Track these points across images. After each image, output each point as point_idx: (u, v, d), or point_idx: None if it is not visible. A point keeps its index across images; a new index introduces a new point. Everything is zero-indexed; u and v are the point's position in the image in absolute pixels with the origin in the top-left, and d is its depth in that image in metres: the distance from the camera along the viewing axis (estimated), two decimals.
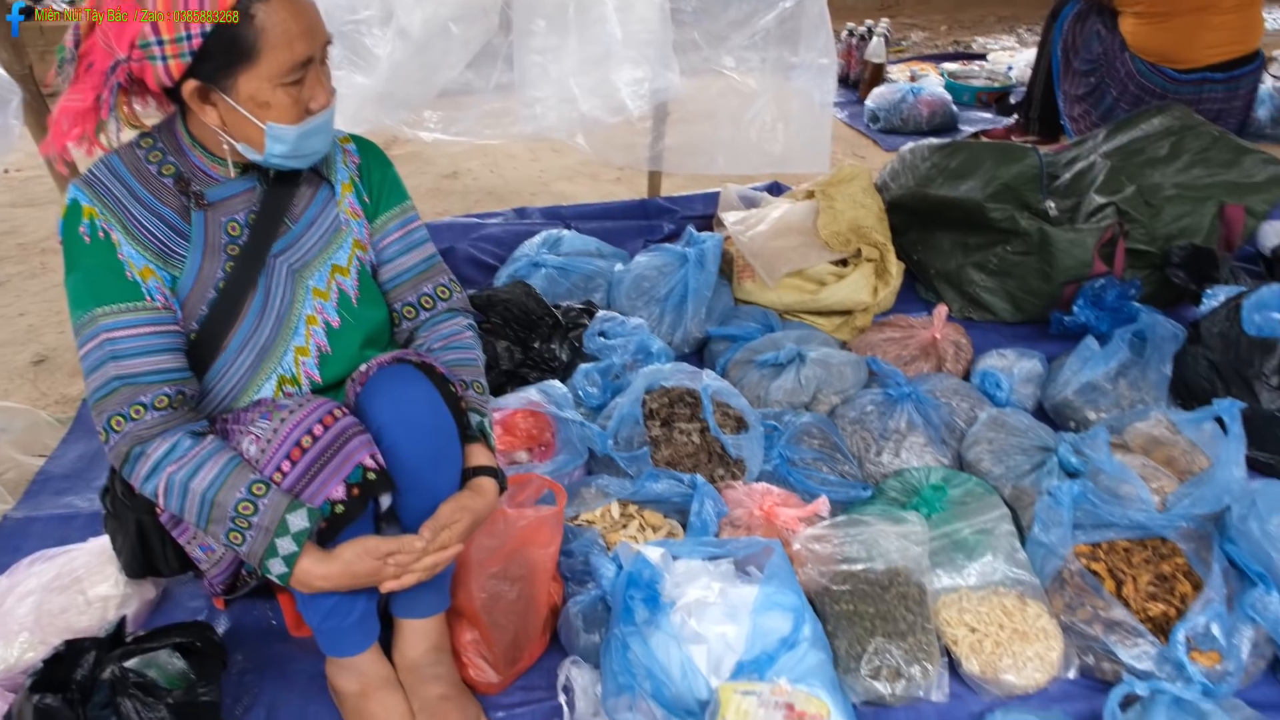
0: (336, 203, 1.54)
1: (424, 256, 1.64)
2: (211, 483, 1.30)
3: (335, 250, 1.53)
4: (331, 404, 1.38)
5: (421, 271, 1.63)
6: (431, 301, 1.64)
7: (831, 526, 1.78)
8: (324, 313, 1.51)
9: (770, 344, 2.46)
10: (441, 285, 1.66)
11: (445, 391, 1.44)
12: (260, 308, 1.45)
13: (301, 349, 1.50)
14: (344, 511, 1.33)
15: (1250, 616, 1.60)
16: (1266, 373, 2.12)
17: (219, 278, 1.42)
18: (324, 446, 1.33)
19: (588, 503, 1.91)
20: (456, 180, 4.29)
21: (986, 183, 2.76)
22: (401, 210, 1.62)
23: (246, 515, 1.29)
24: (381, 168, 1.61)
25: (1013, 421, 2.13)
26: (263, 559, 1.30)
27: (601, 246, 2.96)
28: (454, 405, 1.45)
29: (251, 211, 1.45)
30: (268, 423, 1.35)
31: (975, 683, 1.62)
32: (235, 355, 1.45)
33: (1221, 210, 2.74)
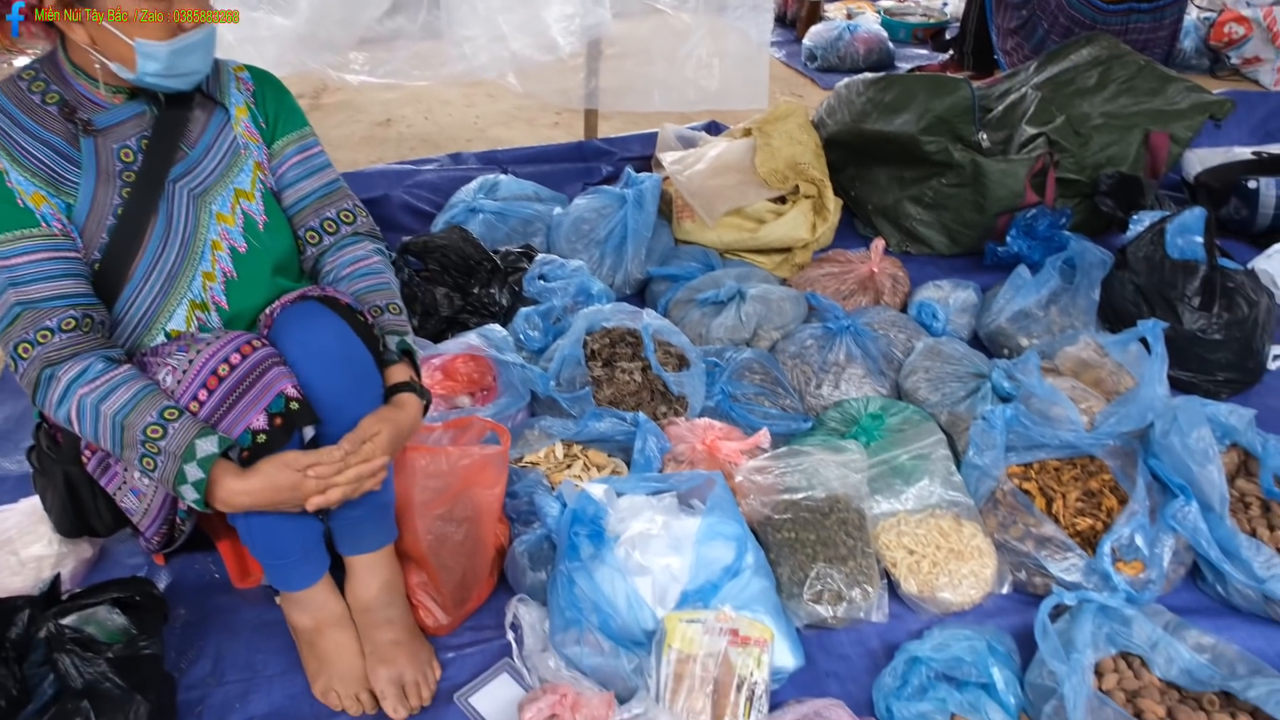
0: (233, 125, 1.53)
1: (325, 181, 1.62)
2: (123, 406, 1.29)
3: (237, 174, 1.52)
4: (248, 335, 1.38)
5: (323, 196, 1.61)
6: (335, 226, 1.62)
7: (773, 458, 1.81)
8: (229, 238, 1.51)
9: (710, 282, 2.47)
10: (345, 210, 1.64)
11: (354, 321, 1.43)
12: (163, 234, 1.44)
13: (208, 274, 1.49)
14: (266, 441, 1.32)
15: (1171, 526, 1.67)
16: (1188, 294, 2.19)
17: (116, 204, 1.41)
18: (241, 375, 1.32)
19: (531, 444, 1.92)
20: (390, 128, 4.20)
21: (920, 116, 2.78)
22: (300, 135, 1.60)
23: (155, 439, 1.28)
24: (277, 94, 1.60)
25: (948, 350, 2.17)
26: (174, 484, 1.29)
27: (539, 190, 2.92)
28: (365, 334, 1.45)
29: (144, 137, 1.44)
30: (184, 354, 1.35)
31: (914, 602, 1.67)
32: (142, 282, 1.44)
33: (1147, 138, 2.79)
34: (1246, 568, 1.61)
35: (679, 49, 2.76)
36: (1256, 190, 2.81)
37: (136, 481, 1.46)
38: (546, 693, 1.44)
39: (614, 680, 1.46)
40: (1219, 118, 2.83)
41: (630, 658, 1.46)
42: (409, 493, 1.55)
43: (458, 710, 1.50)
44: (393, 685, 1.49)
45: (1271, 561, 1.60)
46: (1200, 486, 1.69)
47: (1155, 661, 1.47)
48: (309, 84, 4.48)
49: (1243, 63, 4.42)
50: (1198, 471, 1.69)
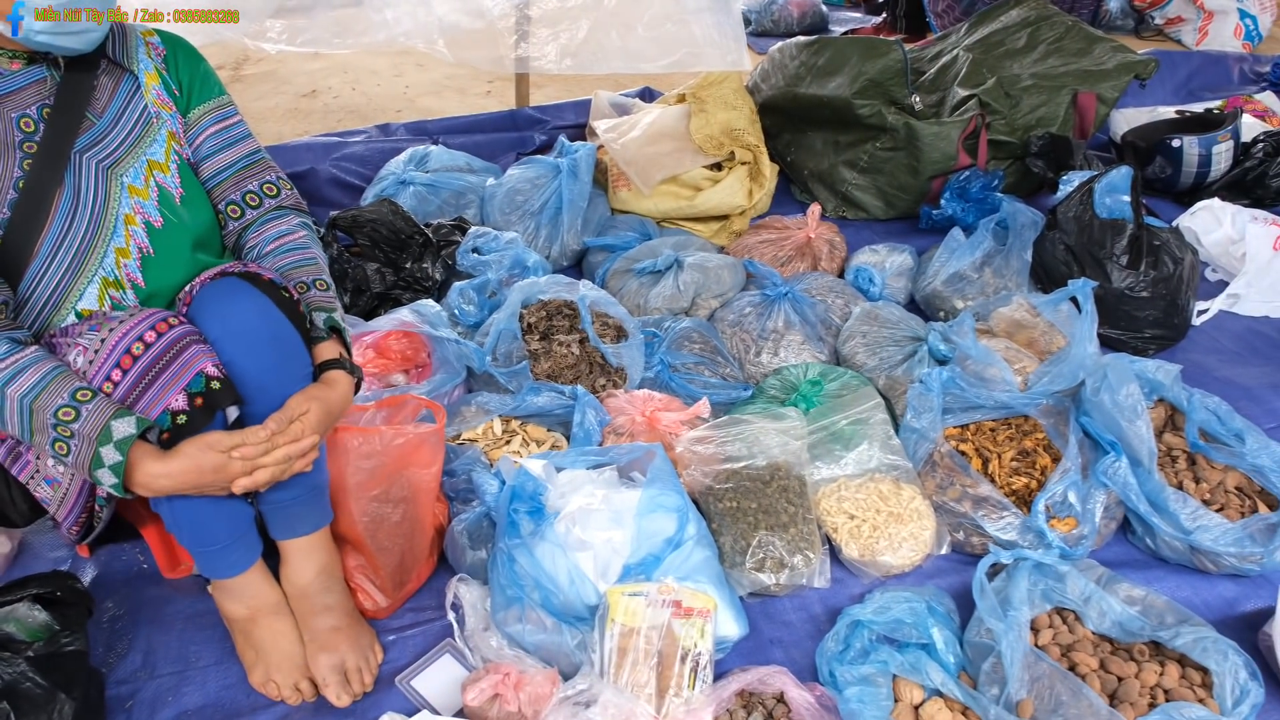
0: (143, 93, 1.45)
1: (246, 152, 1.56)
2: (31, 388, 1.22)
3: (149, 145, 1.45)
4: (165, 312, 1.31)
5: (244, 168, 1.55)
6: (258, 199, 1.56)
7: (713, 427, 1.80)
8: (143, 211, 1.43)
9: (648, 252, 2.44)
10: (268, 182, 1.57)
11: (277, 298, 1.38)
12: (70, 207, 1.36)
13: (122, 250, 1.42)
14: (186, 422, 1.27)
15: (1102, 482, 1.70)
16: (1116, 252, 2.22)
17: (17, 176, 1.33)
18: (157, 354, 1.26)
19: (468, 421, 1.88)
20: (316, 99, 4.07)
21: (854, 79, 2.77)
22: (218, 104, 1.53)
23: (68, 422, 1.21)
24: (191, 60, 1.52)
25: (885, 314, 2.18)
26: (90, 469, 1.23)
27: (471, 161, 2.86)
28: (290, 310, 1.39)
29: (45, 105, 1.35)
30: (95, 334, 1.28)
31: (855, 566, 1.68)
32: (49, 259, 1.36)
33: (1075, 98, 2.82)
34: (1174, 520, 1.65)
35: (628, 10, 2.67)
36: (1180, 149, 2.86)
37: (50, 470, 1.40)
38: (489, 672, 1.43)
39: (558, 657, 1.45)
40: (1144, 77, 2.87)
41: (574, 633, 1.45)
42: (343, 474, 1.51)
43: (400, 694, 1.48)
44: (335, 672, 1.45)
45: (1197, 513, 1.65)
46: (1129, 442, 1.72)
47: (1088, 615, 1.50)
48: (229, 54, 4.32)
49: (1166, 23, 4.50)
50: (1127, 427, 1.73)
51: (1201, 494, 1.70)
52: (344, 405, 1.43)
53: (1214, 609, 1.61)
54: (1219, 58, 3.95)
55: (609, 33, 2.67)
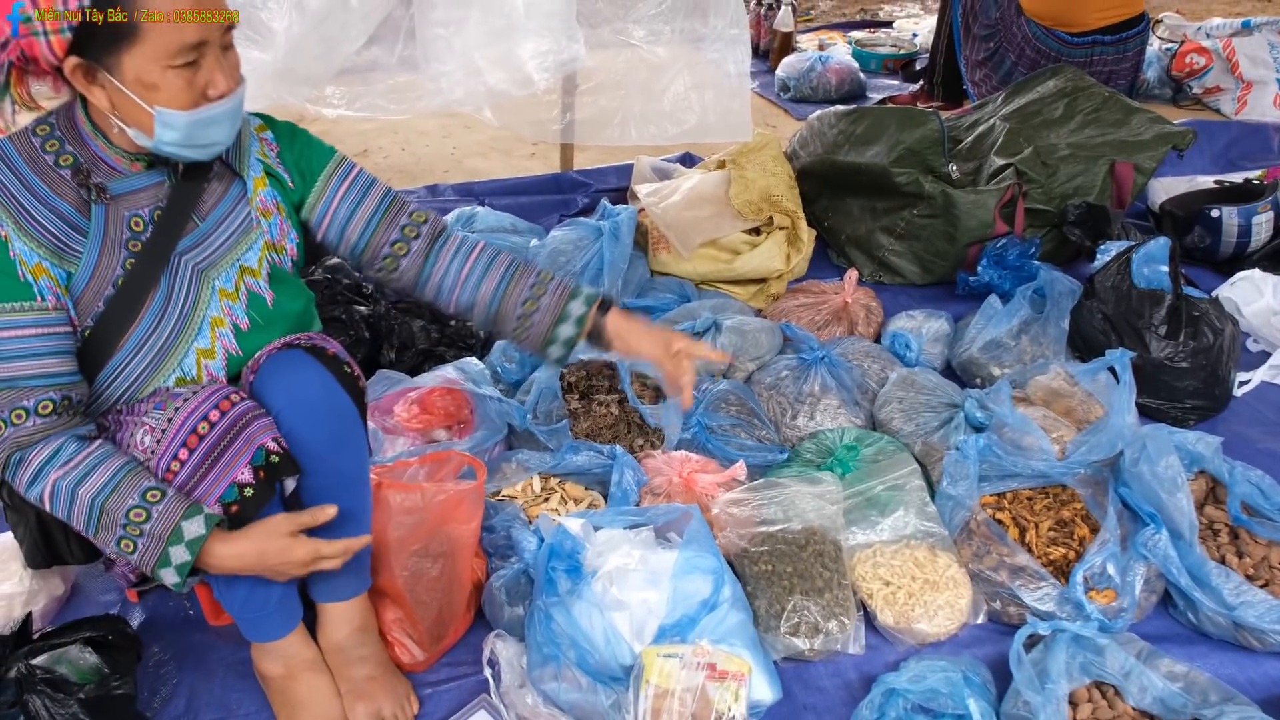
0: (249, 200, 1.46)
1: (382, 194, 1.55)
2: (102, 488, 1.26)
3: (245, 251, 1.46)
4: (227, 389, 1.35)
5: (389, 208, 1.54)
6: (414, 230, 1.55)
7: (749, 490, 1.82)
8: (232, 315, 1.45)
9: (686, 314, 2.48)
10: (414, 210, 1.58)
11: (339, 372, 1.42)
12: (161, 307, 1.38)
13: (206, 351, 1.43)
14: (253, 495, 1.31)
15: (1142, 555, 1.69)
16: (1155, 323, 2.23)
17: (118, 274, 1.35)
18: (222, 431, 1.30)
19: (508, 478, 1.92)
20: (367, 159, 4.20)
21: (891, 148, 2.82)
22: (337, 164, 1.52)
23: (139, 523, 1.25)
24: (302, 141, 1.52)
25: (921, 380, 2.19)
26: (155, 567, 1.26)
27: (516, 222, 2.94)
28: (349, 385, 1.43)
29: (158, 207, 1.37)
30: (161, 412, 1.32)
31: (890, 633, 1.68)
32: (131, 355, 1.38)
33: (1112, 168, 2.85)
34: (1216, 595, 1.63)
35: (655, 83, 2.79)
36: (1219, 219, 2.87)
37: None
38: None
39: (592, 716, 1.46)
40: (1181, 148, 2.89)
41: (608, 693, 1.46)
42: (384, 530, 1.55)
43: None
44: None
45: (1240, 589, 1.63)
46: (1170, 514, 1.71)
47: (1129, 690, 1.48)
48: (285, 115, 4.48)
49: (1204, 92, 4.51)
50: (1167, 499, 1.72)
51: (1245, 569, 1.68)
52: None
53: (1259, 688, 1.58)
54: (1258, 127, 3.95)
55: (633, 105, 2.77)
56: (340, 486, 1.42)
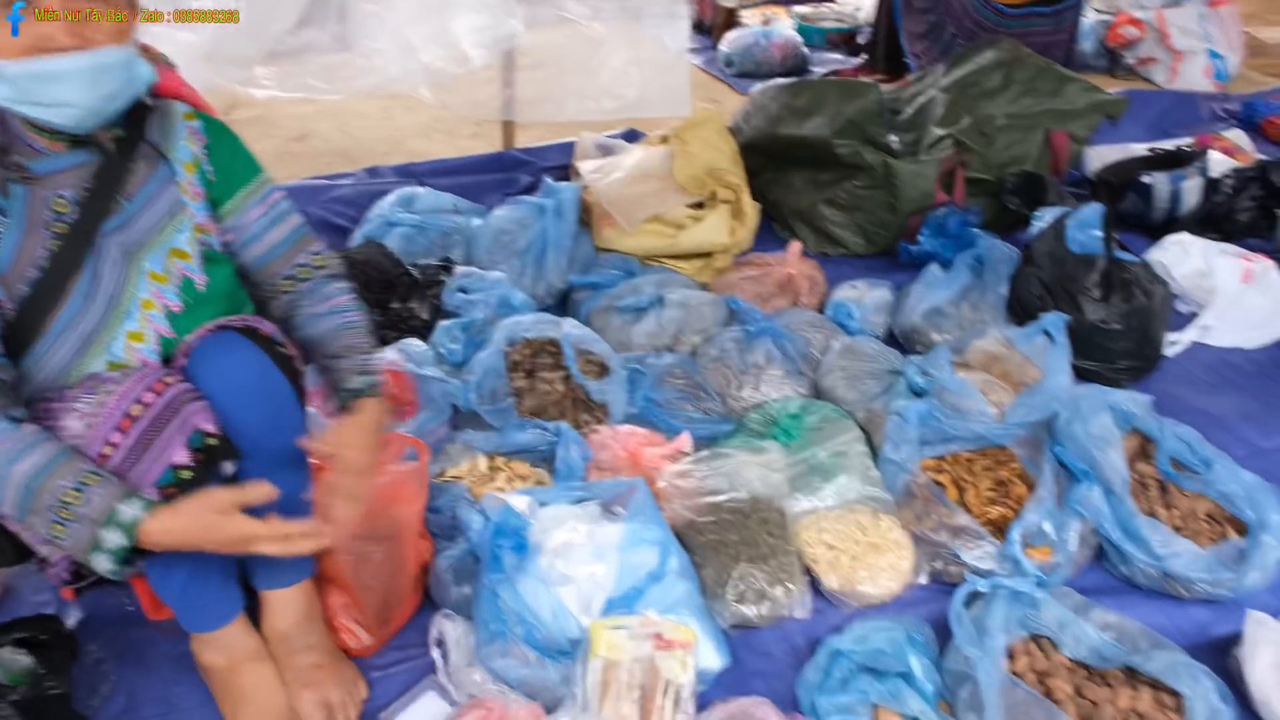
0: (176, 183, 1.43)
1: (293, 228, 1.55)
2: (38, 469, 1.21)
3: (174, 233, 1.43)
4: (160, 371, 1.32)
5: (294, 243, 1.55)
6: (308, 271, 1.56)
7: (695, 462, 1.83)
8: (163, 297, 1.41)
9: (631, 290, 2.48)
10: (315, 254, 1.58)
11: (274, 354, 1.40)
12: (87, 289, 1.35)
13: (135, 334, 1.40)
14: (191, 478, 1.29)
15: (1077, 511, 1.73)
16: (1089, 286, 2.27)
17: (41, 256, 1.31)
18: (156, 414, 1.27)
19: (454, 458, 1.90)
20: (305, 143, 4.12)
21: (832, 120, 2.83)
22: (259, 184, 1.52)
23: (72, 505, 1.21)
24: (230, 144, 1.51)
25: (864, 348, 2.22)
26: (88, 551, 1.22)
27: (458, 202, 2.91)
28: (285, 366, 1.41)
29: (84, 188, 1.34)
30: (93, 396, 1.29)
31: (835, 597, 1.70)
32: (57, 338, 1.34)
33: (1048, 137, 2.89)
34: (1146, 547, 1.68)
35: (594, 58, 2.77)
36: (1150, 185, 2.93)
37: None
38: (473, 708, 1.44)
39: (541, 691, 1.46)
40: (1114, 116, 2.95)
41: (557, 668, 1.46)
42: None
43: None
44: (319, 709, 1.46)
45: (1169, 540, 1.68)
46: (1103, 471, 1.76)
47: (1064, 642, 1.52)
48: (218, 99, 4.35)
49: (1138, 62, 4.60)
50: (1100, 457, 1.76)
51: (1173, 521, 1.73)
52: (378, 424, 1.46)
53: (1187, 634, 1.64)
54: (1189, 96, 4.05)
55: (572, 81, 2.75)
56: (280, 469, 1.40)
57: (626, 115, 2.86)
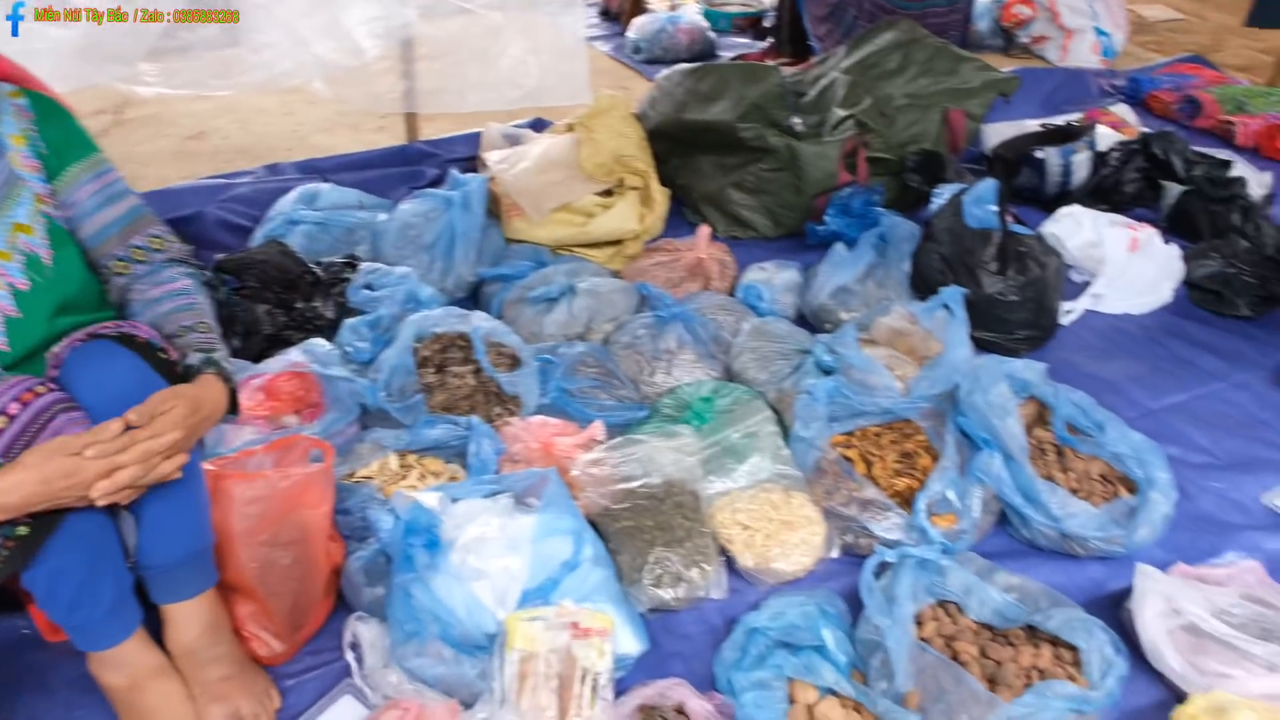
0: (8, 157, 1.40)
1: (128, 208, 1.52)
2: None
3: (13, 207, 1.39)
4: (30, 380, 1.27)
5: (128, 224, 1.52)
6: (144, 254, 1.53)
7: (608, 449, 1.83)
8: (7, 275, 1.37)
9: (542, 280, 2.47)
10: (154, 236, 1.54)
11: (153, 359, 1.35)
12: None
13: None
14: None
15: (979, 478, 1.79)
16: (986, 260, 2.34)
17: None
18: (23, 425, 1.22)
19: (364, 458, 1.87)
20: (203, 141, 3.99)
21: (735, 104, 2.86)
22: (93, 162, 1.49)
23: None
24: (61, 120, 1.48)
25: (773, 329, 2.25)
26: None
27: (363, 198, 2.85)
28: (166, 372, 1.37)
29: None
30: None
31: (751, 575, 1.73)
32: None
33: (946, 115, 2.96)
34: (1045, 509, 1.74)
35: (492, 48, 2.74)
36: (1043, 160, 3.03)
37: None
38: (390, 709, 1.42)
39: (459, 688, 1.45)
40: (1007, 94, 3.03)
41: (474, 663, 1.46)
42: (228, 522, 1.49)
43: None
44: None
45: (1066, 502, 1.74)
46: (1002, 439, 1.81)
47: (969, 605, 1.57)
48: (109, 98, 4.21)
49: (1031, 41, 4.74)
50: (999, 425, 1.82)
51: (1069, 483, 1.80)
52: (216, 407, 1.39)
53: (1085, 590, 1.71)
54: (1079, 73, 4.19)
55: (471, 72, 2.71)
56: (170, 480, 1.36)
57: (527, 104, 2.83)
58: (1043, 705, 1.36)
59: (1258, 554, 1.78)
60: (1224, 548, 1.81)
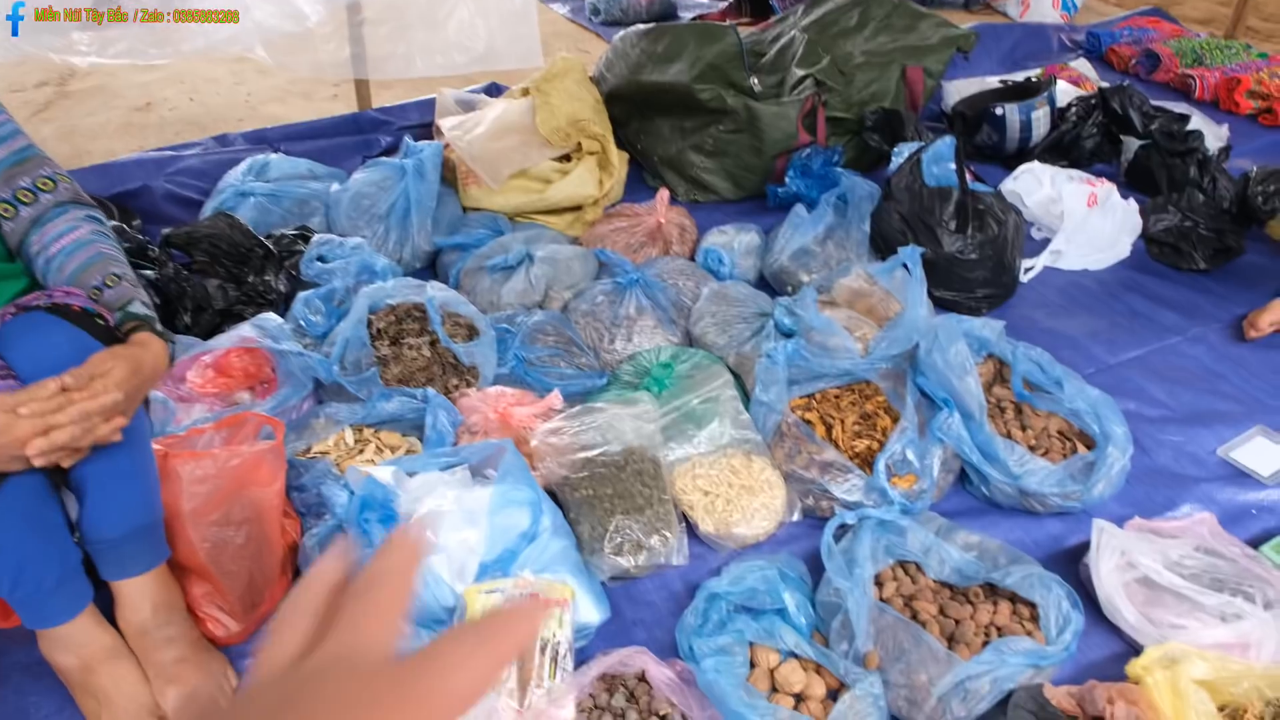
0: None
1: (16, 149, 1.46)
2: None
3: None
4: None
5: (14, 165, 1.45)
6: (31, 195, 1.46)
7: (567, 418, 1.81)
8: None
9: (499, 248, 2.43)
10: (43, 177, 1.48)
11: (92, 328, 1.31)
12: None
13: None
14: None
15: (938, 438, 1.79)
16: (945, 219, 2.33)
17: None
18: None
19: (319, 433, 1.84)
20: (151, 112, 3.88)
21: (692, 64, 2.81)
22: None
23: None
24: None
25: (733, 293, 2.23)
26: None
27: (314, 168, 2.78)
28: (109, 340, 1.33)
29: None
30: None
31: (712, 541, 1.72)
32: None
33: (904, 73, 2.94)
34: (1003, 467, 1.74)
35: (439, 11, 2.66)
36: (1003, 116, 3.02)
37: None
38: None
39: None
40: (965, 50, 3.01)
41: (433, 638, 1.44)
42: (177, 501, 1.46)
43: None
44: None
45: (1024, 459, 1.75)
46: (961, 397, 1.81)
47: (929, 565, 1.58)
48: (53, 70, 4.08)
49: None
50: (958, 384, 1.82)
51: (1028, 440, 1.81)
52: (156, 367, 1.35)
53: (1043, 546, 1.72)
54: (1039, 28, 4.18)
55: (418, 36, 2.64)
56: (114, 451, 1.32)
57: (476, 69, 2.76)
58: (1000, 662, 1.37)
59: (1213, 506, 1.81)
60: (1181, 500, 1.83)
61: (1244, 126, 3.45)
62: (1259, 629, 1.41)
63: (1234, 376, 2.19)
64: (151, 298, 2.13)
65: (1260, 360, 2.23)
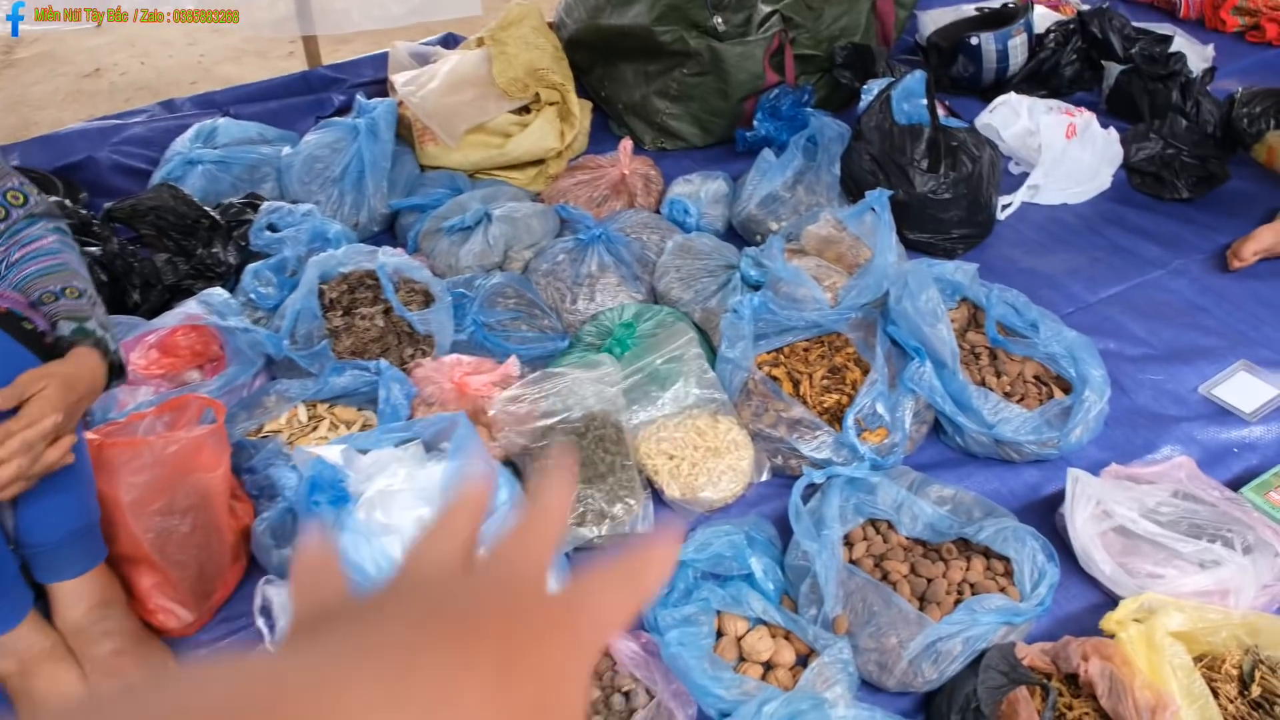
0: None
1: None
2: None
3: None
4: None
5: None
6: (3, 210, 1.40)
7: (526, 385, 1.75)
8: None
9: (457, 208, 2.34)
10: (11, 190, 1.41)
11: (17, 331, 1.24)
12: None
13: None
14: None
15: (910, 389, 1.73)
16: (916, 157, 2.24)
17: None
18: None
19: (271, 411, 1.78)
20: (100, 78, 3.76)
21: (651, 5, 2.69)
22: None
23: None
24: None
25: (698, 245, 2.15)
26: None
27: (264, 131, 2.68)
28: (33, 344, 1.26)
29: None
30: None
31: (678, 506, 1.67)
32: None
33: (874, 6, 2.82)
34: (978, 416, 1.69)
35: None
36: (978, 46, 2.90)
37: None
38: None
39: None
40: None
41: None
42: (115, 493, 1.40)
43: None
44: None
45: (998, 407, 1.69)
46: (933, 345, 1.75)
47: (901, 522, 1.53)
48: None
49: None
50: (929, 332, 1.75)
51: (1003, 387, 1.75)
52: (93, 382, 1.28)
53: (1019, 496, 1.67)
54: None
55: None
56: None
57: (414, 20, 2.64)
58: (972, 621, 1.33)
59: (1194, 446, 1.76)
60: (1161, 442, 1.78)
61: (1230, 45, 3.33)
62: (1238, 575, 1.37)
63: (1217, 310, 2.12)
64: (97, 276, 2.07)
65: (1244, 291, 2.16)
